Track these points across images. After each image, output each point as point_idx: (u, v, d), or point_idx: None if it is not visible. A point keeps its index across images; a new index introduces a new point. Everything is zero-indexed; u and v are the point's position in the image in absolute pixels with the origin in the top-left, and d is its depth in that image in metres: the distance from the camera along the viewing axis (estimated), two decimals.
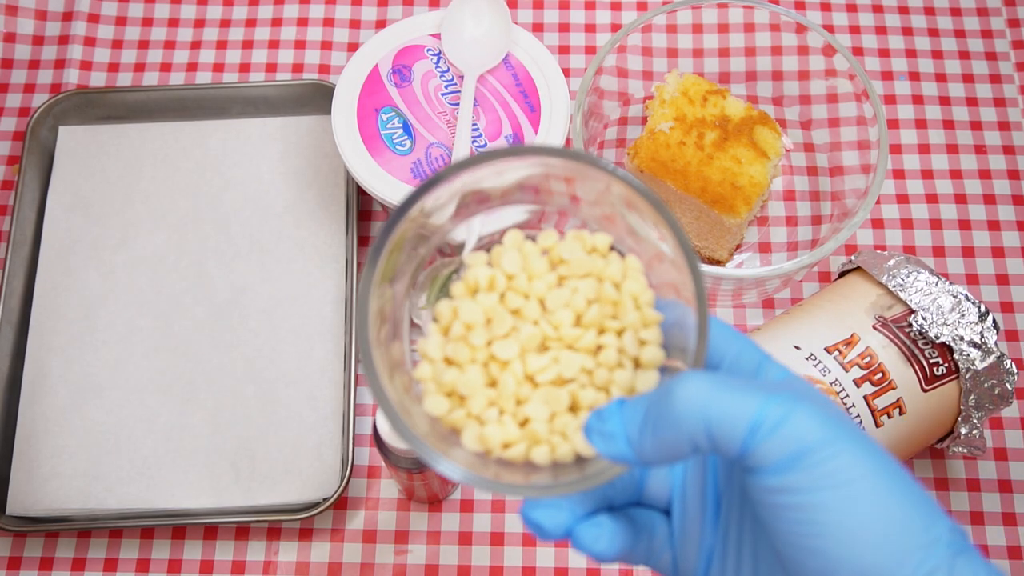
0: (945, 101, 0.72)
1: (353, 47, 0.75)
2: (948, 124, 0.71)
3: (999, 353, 0.53)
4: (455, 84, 0.63)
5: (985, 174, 0.70)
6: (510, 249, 0.35)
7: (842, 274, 0.61)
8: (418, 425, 0.32)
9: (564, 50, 0.74)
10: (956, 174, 0.70)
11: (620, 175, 0.33)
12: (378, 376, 0.32)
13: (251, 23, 0.76)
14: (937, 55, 0.73)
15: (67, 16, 0.75)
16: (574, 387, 0.33)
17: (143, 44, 0.75)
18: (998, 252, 0.67)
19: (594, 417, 0.30)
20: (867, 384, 0.53)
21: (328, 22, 0.75)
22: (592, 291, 0.34)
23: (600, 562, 0.32)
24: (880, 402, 0.53)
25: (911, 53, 0.74)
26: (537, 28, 0.75)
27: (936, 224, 0.68)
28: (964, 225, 0.68)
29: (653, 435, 0.29)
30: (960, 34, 0.74)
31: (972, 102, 0.72)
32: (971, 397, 0.54)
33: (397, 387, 0.33)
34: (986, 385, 0.54)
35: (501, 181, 0.37)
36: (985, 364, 0.53)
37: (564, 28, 0.75)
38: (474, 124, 0.61)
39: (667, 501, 0.35)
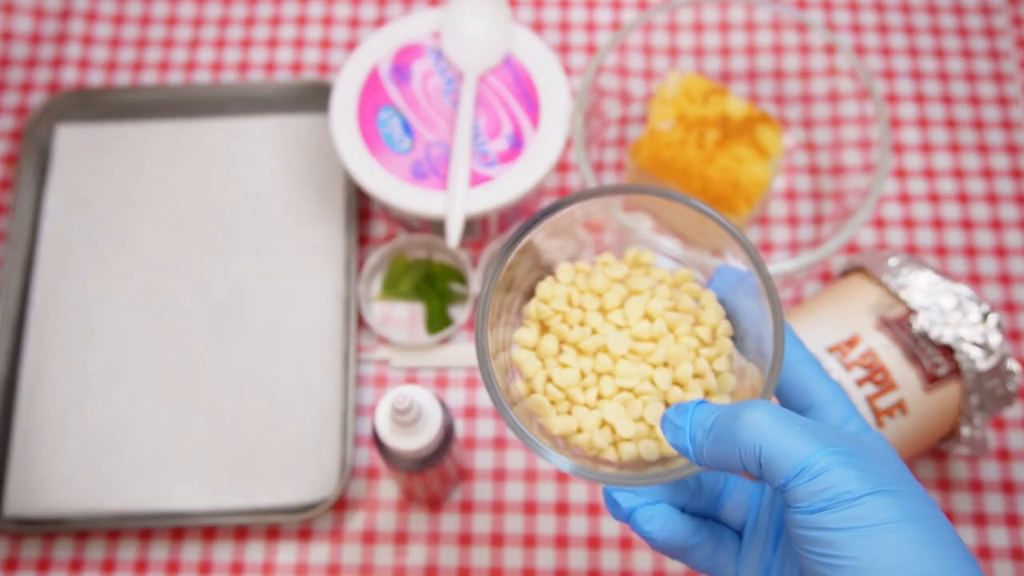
0: (947, 100, 0.72)
1: (352, 46, 0.75)
2: (950, 123, 0.71)
3: (1002, 353, 0.53)
4: (455, 83, 0.62)
5: (988, 173, 0.69)
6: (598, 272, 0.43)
7: (844, 274, 0.60)
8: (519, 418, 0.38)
9: (565, 49, 0.74)
10: (958, 173, 0.70)
11: (712, 215, 0.40)
12: (496, 385, 0.38)
13: (250, 22, 0.75)
14: (939, 54, 0.73)
15: (65, 15, 0.75)
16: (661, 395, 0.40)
17: (141, 43, 0.75)
18: (1000, 252, 0.67)
19: (673, 409, 0.35)
20: (869, 384, 0.52)
21: (327, 21, 0.75)
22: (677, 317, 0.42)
23: (653, 547, 0.36)
24: (882, 403, 0.52)
25: (913, 52, 0.73)
26: (538, 27, 0.75)
27: (938, 223, 0.68)
28: (966, 224, 0.68)
29: (713, 443, 0.33)
30: (963, 32, 0.74)
31: (975, 101, 0.72)
32: (973, 398, 0.53)
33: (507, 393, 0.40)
34: (988, 386, 0.53)
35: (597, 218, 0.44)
36: (987, 365, 0.53)
37: (565, 27, 0.75)
38: (474, 123, 0.61)
39: (741, 524, 0.38)
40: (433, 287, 0.65)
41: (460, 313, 0.65)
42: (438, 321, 0.64)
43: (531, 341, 0.43)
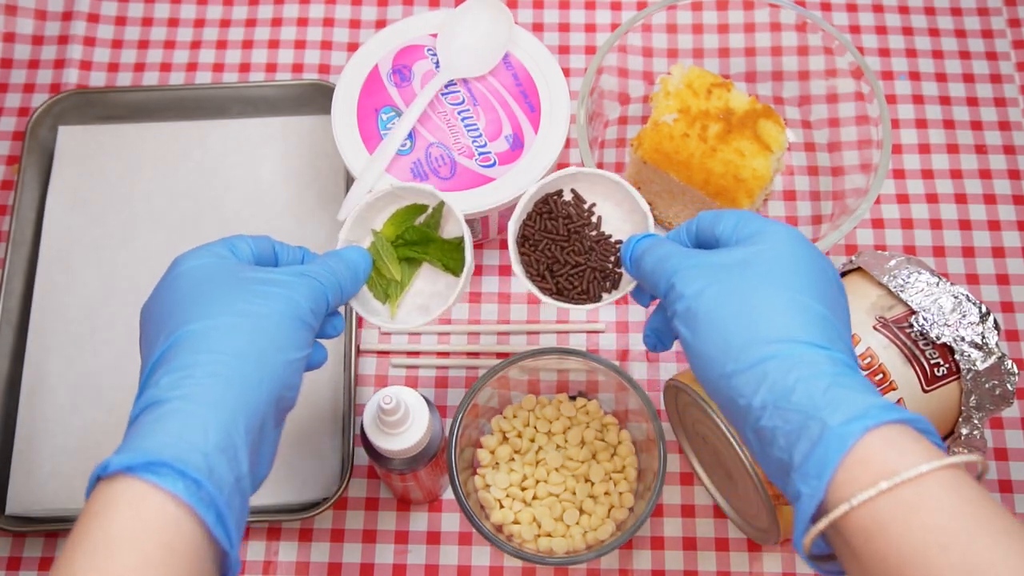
0: (945, 101, 0.72)
1: (353, 47, 0.75)
2: (948, 124, 0.71)
3: (1000, 354, 0.53)
4: (455, 84, 0.63)
5: (985, 174, 0.70)
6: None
7: (843, 274, 0.61)
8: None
9: (564, 50, 0.74)
10: (956, 174, 0.70)
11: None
12: (457, 477, 0.53)
13: (251, 23, 0.75)
14: (937, 55, 0.73)
15: (67, 16, 0.75)
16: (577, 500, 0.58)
17: (143, 44, 0.75)
18: (999, 252, 0.67)
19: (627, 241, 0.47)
20: None
21: (328, 22, 0.75)
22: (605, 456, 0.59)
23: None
24: None
25: (911, 53, 0.74)
26: (537, 28, 0.75)
27: (936, 224, 0.68)
28: (964, 225, 0.68)
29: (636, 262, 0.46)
30: (960, 34, 0.74)
31: (972, 102, 0.72)
32: (972, 398, 0.54)
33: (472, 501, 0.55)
34: (987, 386, 0.54)
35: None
36: (986, 365, 0.53)
37: (564, 28, 0.75)
38: (474, 124, 0.61)
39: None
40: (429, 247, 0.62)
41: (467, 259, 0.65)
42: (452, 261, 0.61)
43: (492, 445, 0.59)
